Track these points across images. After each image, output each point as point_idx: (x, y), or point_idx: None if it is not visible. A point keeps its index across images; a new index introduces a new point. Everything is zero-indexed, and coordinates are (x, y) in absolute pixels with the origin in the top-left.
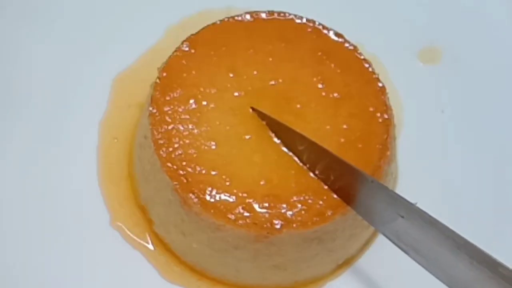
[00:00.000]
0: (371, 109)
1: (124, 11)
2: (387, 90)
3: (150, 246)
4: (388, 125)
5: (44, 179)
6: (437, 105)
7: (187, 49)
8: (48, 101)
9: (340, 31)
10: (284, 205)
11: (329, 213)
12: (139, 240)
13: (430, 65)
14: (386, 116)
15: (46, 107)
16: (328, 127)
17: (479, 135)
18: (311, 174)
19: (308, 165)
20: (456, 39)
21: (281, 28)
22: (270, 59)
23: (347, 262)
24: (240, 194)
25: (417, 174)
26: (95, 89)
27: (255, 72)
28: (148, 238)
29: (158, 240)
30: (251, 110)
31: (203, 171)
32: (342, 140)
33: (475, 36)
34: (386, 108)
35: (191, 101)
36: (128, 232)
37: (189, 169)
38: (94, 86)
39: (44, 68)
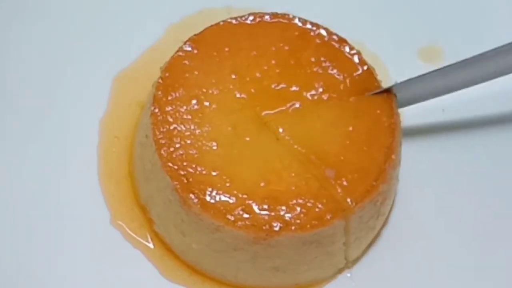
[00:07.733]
0: (377, 111)
1: (125, 10)
2: None
3: (150, 245)
4: (394, 129)
5: (45, 178)
6: (438, 104)
7: (189, 49)
8: (49, 100)
9: (341, 31)
10: (283, 208)
11: (328, 217)
12: (139, 239)
13: (431, 64)
14: (392, 120)
15: (47, 106)
16: (332, 129)
17: (480, 134)
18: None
19: None
20: (456, 38)
21: (284, 31)
22: (273, 61)
23: (348, 266)
24: (240, 195)
25: (417, 174)
26: (96, 87)
27: (257, 74)
28: (148, 237)
29: (158, 239)
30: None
31: (204, 172)
32: (347, 142)
33: (475, 35)
34: (392, 112)
35: (193, 101)
36: (128, 231)
37: (190, 169)
38: (94, 84)
39: (45, 66)
